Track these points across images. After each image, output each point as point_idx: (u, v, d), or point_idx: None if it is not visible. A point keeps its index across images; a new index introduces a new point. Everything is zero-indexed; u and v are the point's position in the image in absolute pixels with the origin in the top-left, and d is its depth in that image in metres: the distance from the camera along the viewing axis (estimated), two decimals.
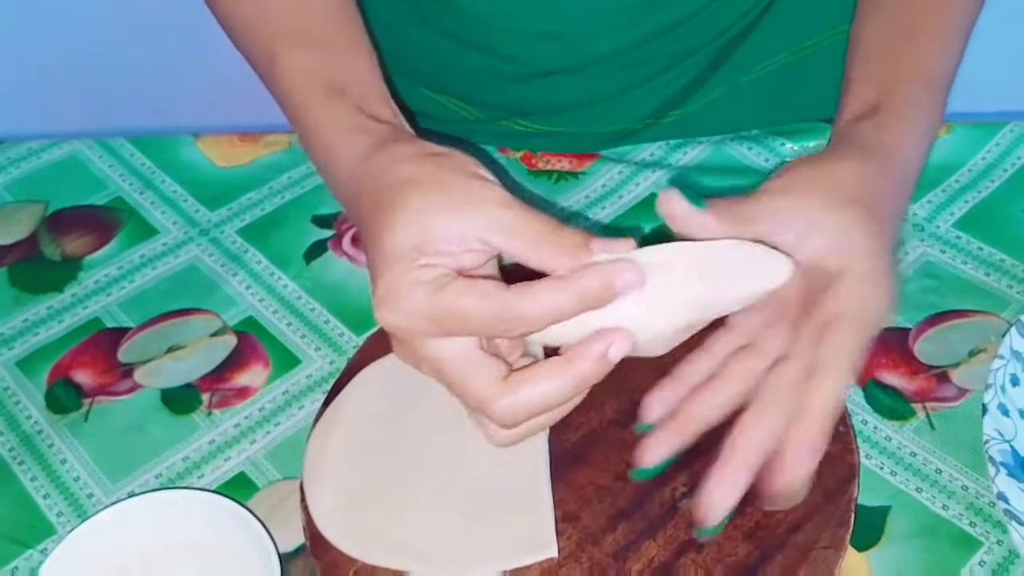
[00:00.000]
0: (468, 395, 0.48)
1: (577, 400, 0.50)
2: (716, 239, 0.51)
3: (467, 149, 0.50)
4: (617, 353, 0.48)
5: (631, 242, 0.48)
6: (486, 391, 0.47)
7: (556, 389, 0.47)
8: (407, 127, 0.57)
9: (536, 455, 0.57)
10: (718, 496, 0.50)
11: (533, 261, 0.48)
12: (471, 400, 0.48)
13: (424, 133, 0.55)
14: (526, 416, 0.48)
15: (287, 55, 0.59)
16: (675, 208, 0.51)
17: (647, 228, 0.71)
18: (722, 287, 0.50)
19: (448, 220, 0.47)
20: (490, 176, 0.50)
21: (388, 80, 0.60)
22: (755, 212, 0.52)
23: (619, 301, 0.48)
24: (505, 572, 0.54)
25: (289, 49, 0.60)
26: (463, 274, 0.48)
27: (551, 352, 0.50)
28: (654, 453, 0.52)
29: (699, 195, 0.51)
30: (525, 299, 0.46)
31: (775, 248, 0.51)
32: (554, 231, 0.48)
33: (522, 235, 0.47)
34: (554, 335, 0.49)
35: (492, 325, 0.47)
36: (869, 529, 0.56)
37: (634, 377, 0.61)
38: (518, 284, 0.47)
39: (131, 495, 0.59)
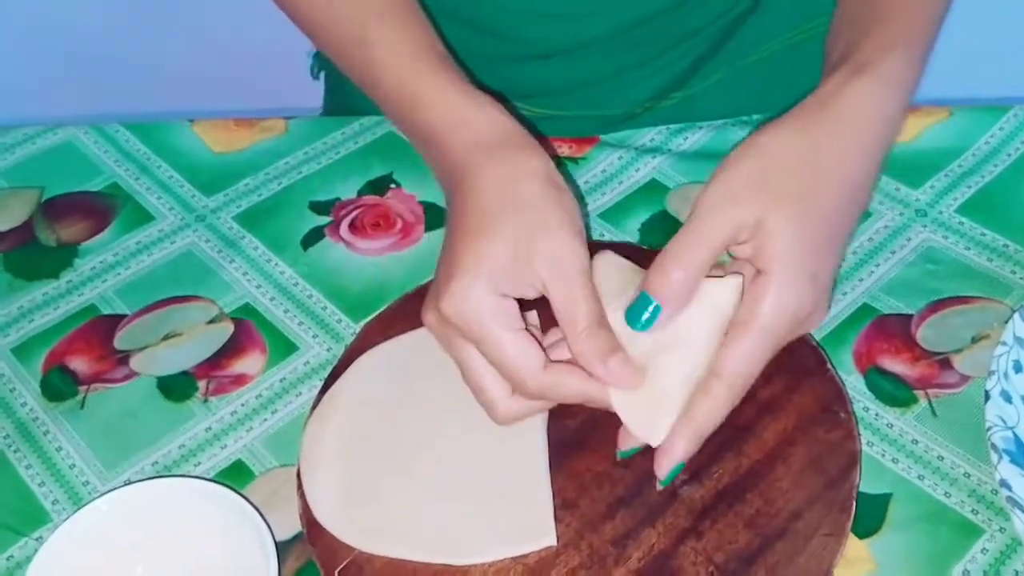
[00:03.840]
0: (507, 367, 0.52)
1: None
2: None
3: None
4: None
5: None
6: (528, 367, 0.52)
7: (588, 392, 0.53)
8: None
9: (535, 442, 0.57)
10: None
11: (564, 336, 0.53)
12: (509, 371, 0.52)
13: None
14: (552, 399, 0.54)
15: (381, 30, 0.61)
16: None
17: (646, 215, 0.71)
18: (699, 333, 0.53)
19: (537, 269, 0.52)
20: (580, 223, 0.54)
21: None
22: (697, 240, 0.53)
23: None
24: (503, 559, 0.53)
25: (382, 25, 0.61)
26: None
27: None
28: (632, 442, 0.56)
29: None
30: (570, 380, 0.53)
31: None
32: (592, 334, 0.52)
33: (571, 321, 0.52)
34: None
35: (534, 389, 0.52)
36: (870, 516, 0.55)
37: None
38: (564, 363, 0.53)
39: (127, 483, 0.59)
